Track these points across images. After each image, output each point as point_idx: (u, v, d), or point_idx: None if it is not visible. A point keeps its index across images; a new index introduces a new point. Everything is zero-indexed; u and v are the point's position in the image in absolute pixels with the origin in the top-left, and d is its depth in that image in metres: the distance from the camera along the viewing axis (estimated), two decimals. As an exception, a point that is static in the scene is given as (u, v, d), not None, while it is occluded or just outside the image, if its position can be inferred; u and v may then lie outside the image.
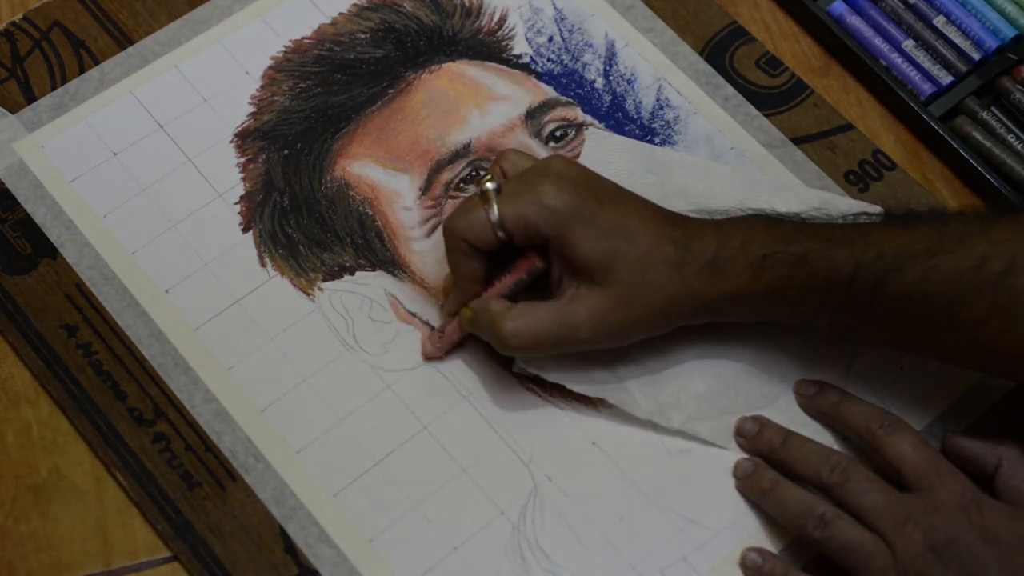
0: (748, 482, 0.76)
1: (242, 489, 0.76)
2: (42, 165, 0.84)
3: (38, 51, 0.88)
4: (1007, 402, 0.79)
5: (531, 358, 0.77)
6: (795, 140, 0.87)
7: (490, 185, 0.74)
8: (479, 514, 0.75)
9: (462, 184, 0.84)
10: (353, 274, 0.82)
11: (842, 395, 0.78)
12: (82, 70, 0.87)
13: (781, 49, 0.91)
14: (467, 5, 0.91)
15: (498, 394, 0.79)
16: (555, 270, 0.75)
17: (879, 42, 0.91)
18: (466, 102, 0.87)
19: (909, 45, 0.90)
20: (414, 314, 0.81)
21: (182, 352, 0.79)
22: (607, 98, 0.88)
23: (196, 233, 0.83)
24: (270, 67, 0.88)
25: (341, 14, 0.90)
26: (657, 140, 0.87)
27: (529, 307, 0.75)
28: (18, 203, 0.83)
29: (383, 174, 0.85)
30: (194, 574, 0.74)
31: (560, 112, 0.87)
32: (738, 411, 0.78)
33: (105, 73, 0.87)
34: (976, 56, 0.90)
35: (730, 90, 0.89)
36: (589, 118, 0.87)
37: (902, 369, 0.79)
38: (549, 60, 0.90)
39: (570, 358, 0.77)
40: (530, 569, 0.74)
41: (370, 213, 0.84)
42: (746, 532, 0.75)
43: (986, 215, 0.75)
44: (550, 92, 0.88)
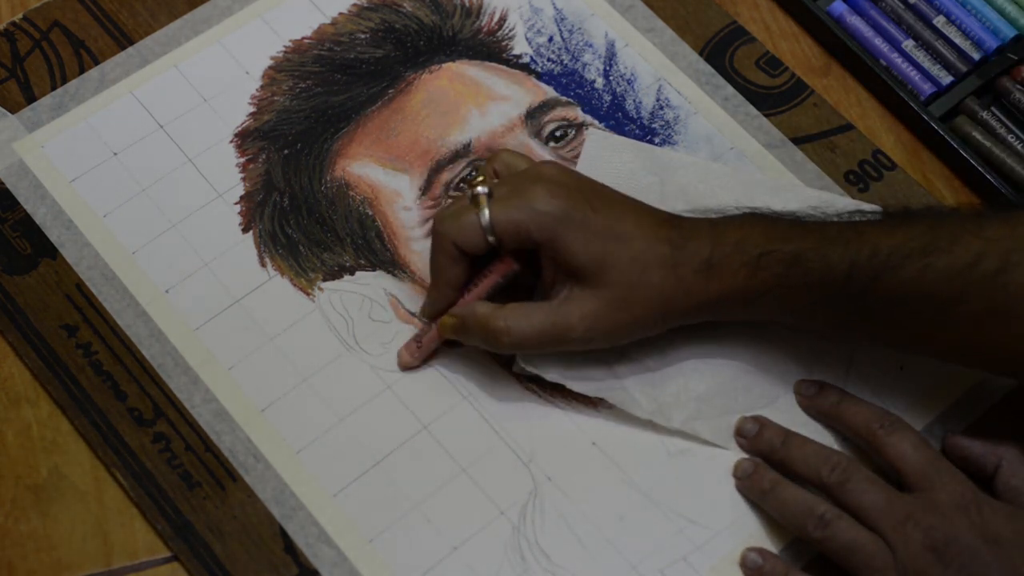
0: (748, 482, 0.76)
1: (242, 489, 0.76)
2: (42, 165, 0.84)
3: (38, 51, 0.88)
4: (1007, 402, 0.79)
5: (529, 356, 0.77)
6: (795, 140, 0.87)
7: (481, 189, 0.74)
8: (479, 514, 0.75)
9: (462, 184, 0.84)
10: (353, 274, 0.82)
11: (842, 395, 0.77)
12: (82, 70, 0.87)
13: (781, 49, 0.91)
14: (467, 5, 0.91)
15: (498, 394, 0.79)
16: (547, 274, 0.75)
17: (879, 42, 0.91)
18: (466, 102, 0.87)
19: (909, 45, 0.90)
20: (414, 314, 0.81)
21: (182, 352, 0.79)
22: (607, 98, 0.88)
23: (196, 233, 0.83)
24: (270, 67, 0.88)
25: (341, 14, 0.90)
26: (657, 140, 0.87)
27: (521, 307, 0.75)
28: (18, 203, 0.83)
29: (383, 174, 0.85)
30: (194, 574, 0.74)
31: (560, 112, 0.87)
32: (738, 411, 0.78)
33: (105, 73, 0.87)
34: (976, 56, 0.90)
35: (730, 90, 0.89)
36: (589, 118, 0.87)
37: (902, 369, 0.79)
38: (549, 60, 0.90)
39: (570, 358, 0.77)
40: (530, 569, 0.74)
41: (370, 213, 0.84)
42: (746, 532, 0.75)
43: (981, 213, 0.75)
44: (550, 92, 0.88)
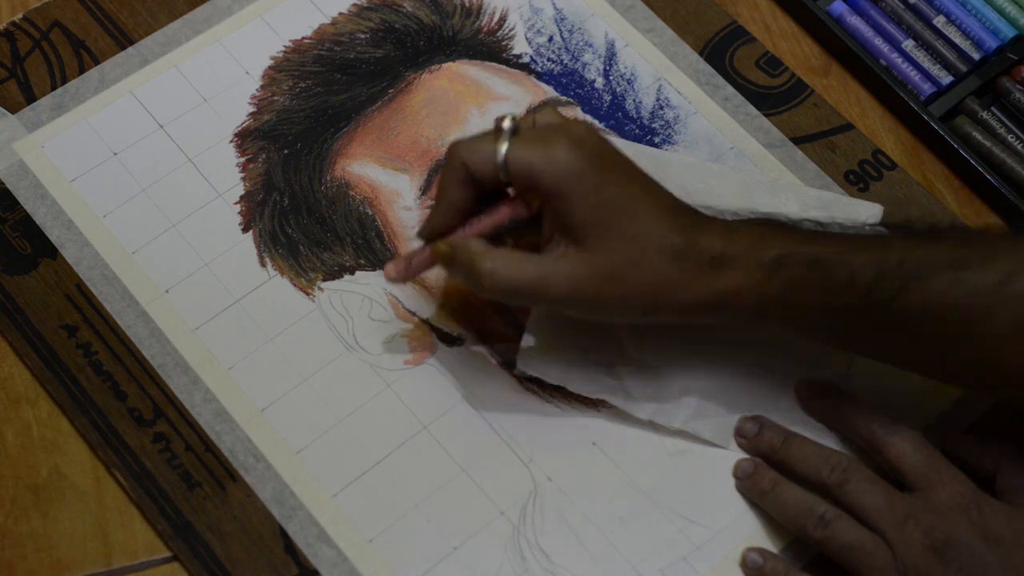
0: (748, 482, 0.76)
1: (242, 489, 0.76)
2: (42, 165, 0.84)
3: (38, 51, 0.88)
4: (1007, 402, 0.79)
5: (530, 357, 0.77)
6: (795, 140, 0.87)
7: (508, 124, 0.72)
8: (479, 514, 0.75)
9: (462, 184, 0.84)
10: (353, 274, 0.82)
11: (842, 396, 0.77)
12: (82, 70, 0.87)
13: (781, 49, 0.91)
14: (467, 5, 0.91)
15: (498, 394, 0.79)
16: (547, 228, 0.72)
17: (879, 42, 0.91)
18: (466, 102, 0.87)
19: (909, 45, 0.90)
20: (414, 313, 0.81)
21: (182, 352, 0.79)
22: (607, 98, 0.88)
23: (196, 233, 0.83)
24: (270, 67, 0.88)
25: (341, 14, 0.90)
26: (657, 140, 0.87)
27: (512, 254, 0.72)
28: (18, 203, 0.83)
29: (383, 174, 0.85)
30: (194, 574, 0.74)
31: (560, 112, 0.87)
32: (739, 411, 0.78)
33: (105, 73, 0.87)
34: (976, 56, 0.90)
35: (730, 90, 0.89)
36: (589, 118, 0.87)
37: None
38: (549, 60, 0.90)
39: (571, 360, 0.78)
40: (530, 569, 0.74)
41: (370, 213, 0.84)
42: (746, 532, 0.75)
43: (1011, 234, 0.73)
44: (550, 92, 0.88)
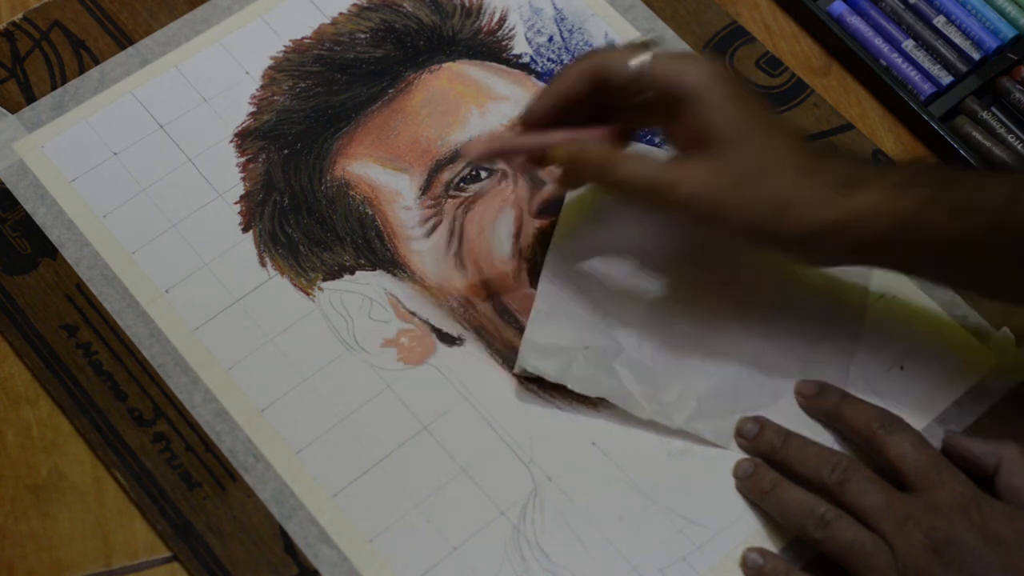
0: (748, 482, 0.76)
1: (242, 489, 0.76)
2: (42, 165, 0.84)
3: (38, 51, 0.88)
4: (1007, 402, 0.79)
5: (530, 357, 0.77)
6: (795, 140, 0.87)
7: (647, 38, 0.73)
8: (479, 514, 0.75)
9: (462, 184, 0.84)
10: (353, 273, 0.82)
11: (843, 395, 0.77)
12: (82, 70, 0.87)
13: (781, 49, 0.91)
14: (467, 5, 0.91)
15: (498, 394, 0.79)
16: (679, 133, 0.73)
17: (879, 42, 0.91)
18: (466, 102, 0.87)
19: (909, 45, 0.90)
20: (414, 313, 0.81)
21: (182, 352, 0.79)
22: (607, 98, 0.88)
23: (196, 233, 0.83)
24: (270, 67, 0.88)
25: (341, 14, 0.90)
26: (657, 140, 0.87)
27: (639, 155, 0.73)
28: (18, 203, 0.83)
29: (383, 174, 0.85)
30: (194, 574, 0.74)
31: (560, 112, 0.87)
32: (739, 411, 0.78)
33: (105, 73, 0.87)
34: (976, 56, 0.90)
35: (730, 90, 0.89)
36: (589, 118, 0.87)
37: (902, 369, 0.79)
38: (549, 60, 0.90)
39: (571, 359, 0.78)
40: (530, 569, 0.74)
41: (370, 213, 0.84)
42: (746, 532, 0.75)
43: None
44: (550, 92, 0.88)
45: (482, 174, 0.84)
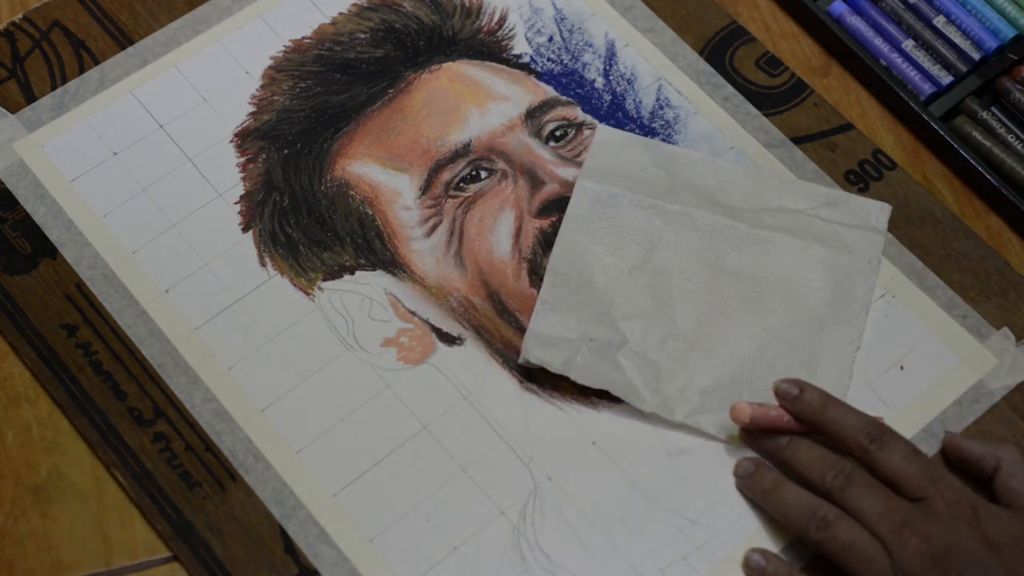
0: (749, 481, 0.76)
1: (242, 489, 0.76)
2: (42, 165, 0.84)
3: (38, 51, 0.88)
4: (1007, 402, 0.79)
5: (535, 347, 0.77)
6: (795, 140, 0.87)
7: None
8: (479, 514, 0.75)
9: (462, 184, 0.84)
10: (353, 273, 0.82)
11: (826, 399, 0.75)
12: (82, 70, 0.87)
13: (781, 49, 0.91)
14: (467, 5, 0.91)
15: (498, 394, 0.79)
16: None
17: (879, 42, 0.91)
18: (466, 102, 0.87)
19: (909, 45, 0.90)
20: (414, 313, 0.81)
21: (182, 352, 0.79)
22: (607, 98, 0.88)
23: (196, 233, 0.83)
24: (270, 67, 0.88)
25: (341, 14, 0.90)
26: (657, 140, 0.87)
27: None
28: (18, 203, 0.83)
29: (383, 174, 0.85)
30: (194, 574, 0.74)
31: (560, 112, 0.88)
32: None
33: (105, 73, 0.87)
34: (976, 56, 0.90)
35: (730, 90, 0.89)
36: (589, 118, 0.87)
37: (902, 369, 0.79)
38: (549, 60, 0.90)
39: (574, 350, 0.78)
40: (530, 569, 0.74)
41: (370, 213, 0.84)
42: (746, 532, 0.75)
43: None
44: (550, 92, 0.88)
45: (482, 174, 0.84)
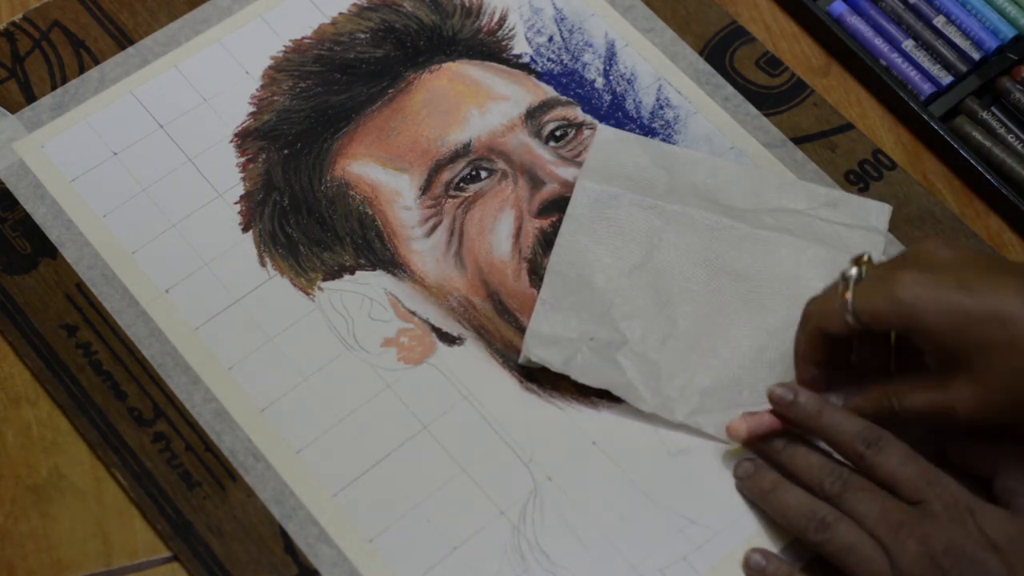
0: (749, 482, 0.76)
1: (242, 489, 0.76)
2: (42, 165, 0.84)
3: (38, 51, 0.88)
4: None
5: (534, 346, 0.77)
6: (795, 140, 0.87)
7: (853, 272, 0.73)
8: (479, 514, 0.75)
9: (462, 184, 0.84)
10: (353, 273, 0.82)
11: (821, 404, 0.75)
12: (82, 70, 0.87)
13: (781, 49, 0.91)
14: (467, 5, 0.91)
15: (498, 394, 0.79)
16: (927, 356, 0.73)
17: (879, 42, 0.91)
18: (466, 102, 0.87)
19: (909, 45, 0.90)
20: (414, 313, 0.81)
21: (182, 352, 0.79)
22: (607, 98, 0.88)
23: (196, 233, 0.83)
24: (270, 67, 0.88)
25: (341, 14, 0.90)
26: (657, 140, 0.87)
27: (910, 387, 0.73)
28: (18, 203, 0.83)
29: (383, 174, 0.85)
30: (194, 574, 0.74)
31: (560, 112, 0.88)
32: (741, 406, 0.78)
33: (105, 73, 0.87)
34: (976, 56, 0.90)
35: (730, 90, 0.89)
36: (589, 118, 0.87)
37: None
38: (549, 60, 0.90)
39: (574, 350, 0.78)
40: (530, 569, 0.74)
41: (370, 213, 0.84)
42: (746, 532, 0.75)
43: None
44: (550, 92, 0.88)
45: (482, 174, 0.84)
